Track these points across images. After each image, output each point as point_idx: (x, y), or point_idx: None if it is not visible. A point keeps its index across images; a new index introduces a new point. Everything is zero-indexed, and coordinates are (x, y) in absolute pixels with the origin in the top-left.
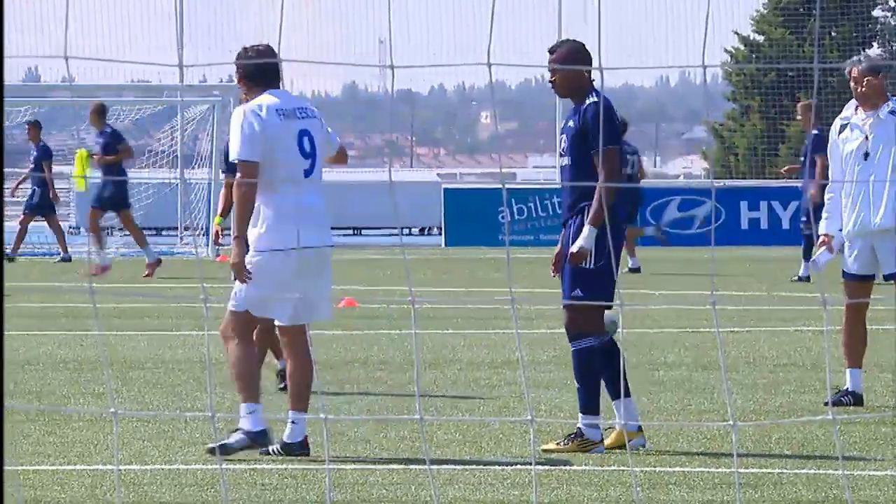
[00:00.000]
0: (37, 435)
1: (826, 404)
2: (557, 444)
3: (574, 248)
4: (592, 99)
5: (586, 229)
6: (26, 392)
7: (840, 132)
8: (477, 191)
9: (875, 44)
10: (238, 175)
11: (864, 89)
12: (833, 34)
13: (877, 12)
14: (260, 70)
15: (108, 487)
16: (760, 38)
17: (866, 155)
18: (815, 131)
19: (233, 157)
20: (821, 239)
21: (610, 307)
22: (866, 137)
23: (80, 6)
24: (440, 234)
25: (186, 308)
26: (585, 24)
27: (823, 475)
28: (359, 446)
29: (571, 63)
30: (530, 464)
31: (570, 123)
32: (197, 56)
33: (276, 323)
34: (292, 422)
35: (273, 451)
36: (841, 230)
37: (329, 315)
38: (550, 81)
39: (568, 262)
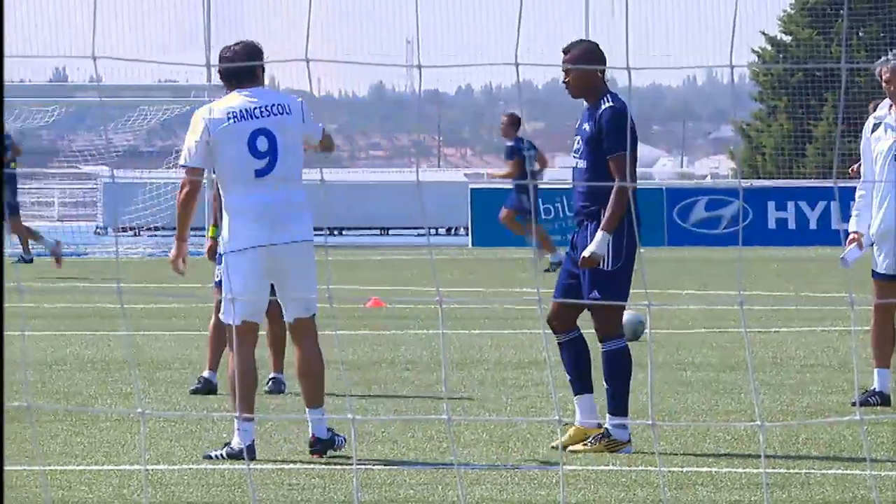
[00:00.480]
0: (64, 435)
1: (853, 404)
2: (585, 444)
3: (586, 253)
4: (609, 104)
5: (599, 234)
6: (54, 392)
7: (873, 131)
8: (504, 191)
9: None
10: (182, 180)
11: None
12: (860, 34)
13: None
14: (230, 70)
15: (135, 487)
16: (788, 39)
17: None
18: None
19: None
20: (850, 236)
21: (624, 308)
22: None
23: (107, 6)
24: (467, 234)
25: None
26: (612, 24)
27: (851, 475)
28: (386, 446)
29: (584, 63)
30: (557, 464)
31: (586, 126)
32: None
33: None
34: (311, 419)
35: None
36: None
37: (295, 315)
38: (564, 82)
39: (579, 266)
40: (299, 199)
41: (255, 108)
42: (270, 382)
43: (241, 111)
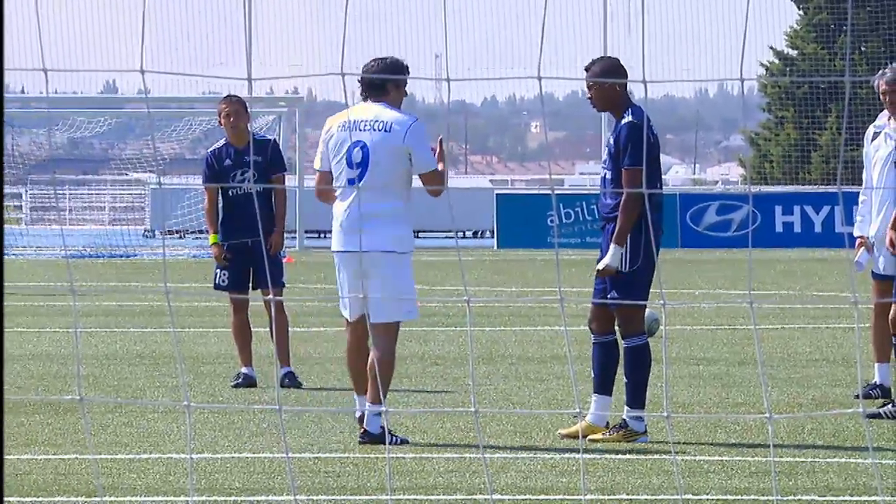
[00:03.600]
0: (115, 426)
1: (856, 397)
2: (603, 434)
3: (600, 266)
4: (628, 118)
5: (612, 247)
6: (105, 385)
7: (873, 139)
8: (527, 196)
9: None
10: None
11: (892, 98)
12: (862, 49)
13: None
14: (362, 83)
15: (180, 475)
16: (794, 53)
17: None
18: None
19: None
20: (857, 241)
21: (644, 307)
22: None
23: (156, 22)
24: (492, 236)
25: (256, 307)
26: (629, 39)
27: (854, 464)
28: (417, 436)
29: (606, 79)
30: (578, 453)
31: (611, 139)
32: (265, 70)
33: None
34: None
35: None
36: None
37: (375, 318)
38: (588, 98)
39: (596, 275)
40: (385, 211)
41: (360, 121)
42: (241, 378)
43: (349, 122)
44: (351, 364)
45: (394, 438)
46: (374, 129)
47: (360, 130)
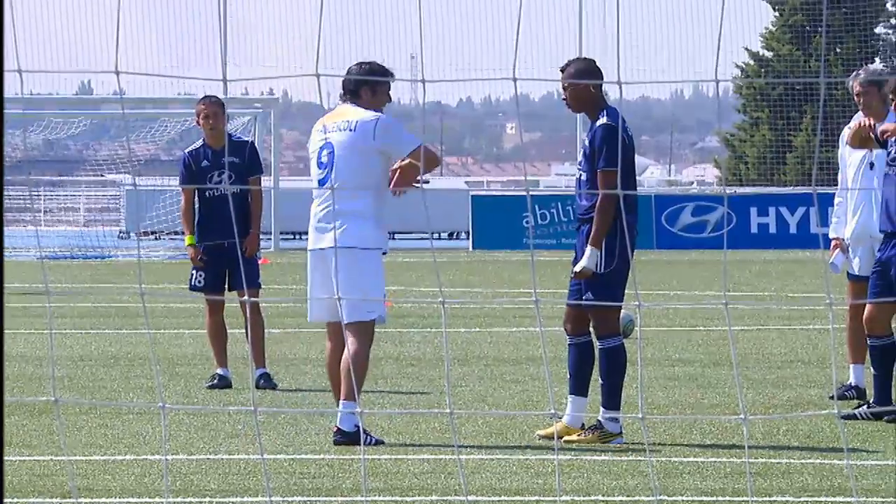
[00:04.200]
0: (90, 427)
1: (831, 398)
2: (578, 435)
3: (577, 268)
4: (603, 119)
5: (588, 250)
6: (80, 387)
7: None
8: (502, 197)
9: (877, 59)
10: None
11: (866, 100)
12: (838, 50)
13: (879, 29)
14: (343, 84)
15: (155, 476)
16: (769, 54)
17: (871, 165)
18: None
19: None
20: (833, 243)
21: (620, 308)
22: (871, 149)
23: (131, 24)
24: (468, 238)
25: (232, 308)
26: (605, 40)
27: (829, 465)
28: (392, 437)
29: (581, 80)
30: (553, 454)
31: (585, 140)
32: (240, 71)
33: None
34: (350, 413)
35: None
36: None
37: (334, 318)
38: (564, 99)
39: (573, 277)
40: (355, 209)
41: (330, 123)
42: (216, 379)
43: (322, 125)
44: (330, 372)
45: (369, 438)
46: (340, 130)
47: (329, 132)
